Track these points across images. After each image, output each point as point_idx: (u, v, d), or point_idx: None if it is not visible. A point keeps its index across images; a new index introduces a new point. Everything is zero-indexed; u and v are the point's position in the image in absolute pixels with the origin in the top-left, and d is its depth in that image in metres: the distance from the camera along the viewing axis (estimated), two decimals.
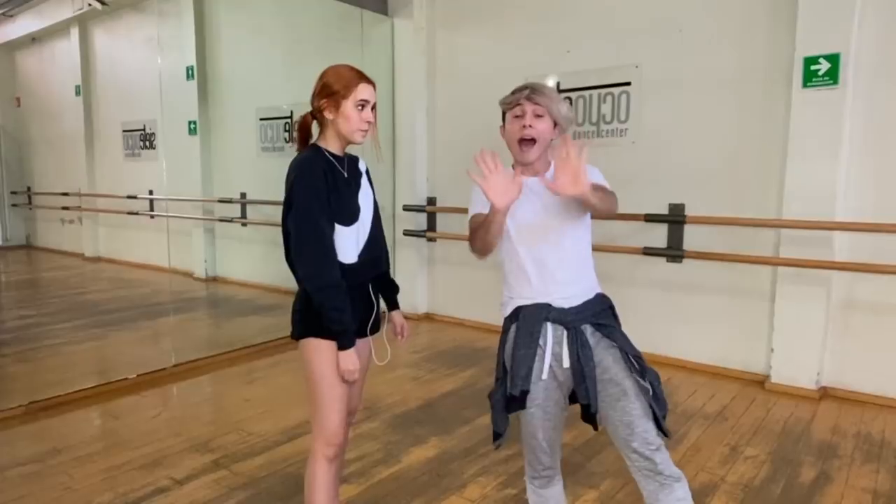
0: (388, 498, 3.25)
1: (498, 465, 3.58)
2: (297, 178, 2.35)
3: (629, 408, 2.19)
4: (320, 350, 2.43)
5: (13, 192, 9.46)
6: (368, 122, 2.41)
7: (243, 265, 8.68)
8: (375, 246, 2.58)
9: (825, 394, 4.74)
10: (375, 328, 2.67)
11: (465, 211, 2.41)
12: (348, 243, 2.43)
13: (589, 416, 2.29)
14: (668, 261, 5.32)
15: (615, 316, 2.44)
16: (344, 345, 2.38)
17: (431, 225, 6.97)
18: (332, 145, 2.46)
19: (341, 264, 2.40)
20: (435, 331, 6.65)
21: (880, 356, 4.57)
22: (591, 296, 2.36)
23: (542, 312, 2.30)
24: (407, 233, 6.96)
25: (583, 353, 2.23)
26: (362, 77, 2.43)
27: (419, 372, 5.26)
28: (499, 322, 2.39)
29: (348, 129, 2.39)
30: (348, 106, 2.37)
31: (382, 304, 2.74)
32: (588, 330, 2.29)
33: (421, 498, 3.24)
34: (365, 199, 2.54)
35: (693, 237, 5.17)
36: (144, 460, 3.66)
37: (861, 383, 4.65)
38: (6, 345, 6.20)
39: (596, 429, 2.37)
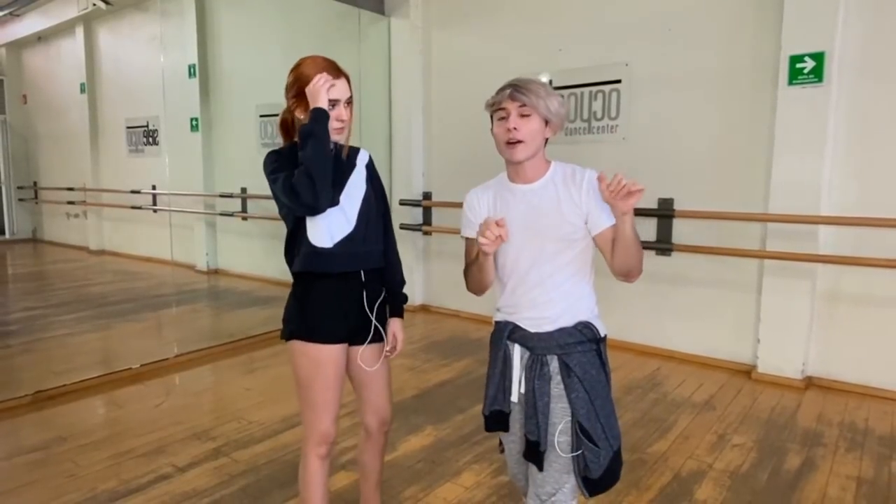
0: (384, 485, 3.20)
1: (492, 452, 3.61)
2: (265, 164, 2.31)
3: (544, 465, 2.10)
4: (306, 353, 2.37)
5: (20, 187, 9.56)
6: (343, 121, 2.26)
7: (244, 258, 8.73)
8: (360, 240, 2.37)
9: (810, 383, 4.81)
10: (377, 337, 2.52)
11: (459, 205, 2.32)
12: (318, 229, 2.29)
13: (536, 453, 2.10)
14: (657, 254, 5.38)
15: (599, 353, 2.12)
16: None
17: (427, 219, 7.05)
18: None
19: (314, 247, 2.29)
20: (431, 322, 6.71)
21: (864, 347, 4.63)
22: (567, 323, 2.10)
23: (505, 331, 2.18)
24: (403, 227, 6.99)
25: (539, 385, 2.07)
26: (329, 73, 2.24)
27: (415, 362, 5.32)
28: (493, 313, 2.34)
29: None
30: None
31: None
32: (554, 361, 2.08)
33: (417, 485, 3.29)
34: (351, 193, 2.36)
35: (682, 231, 5.24)
36: (147, 448, 3.69)
37: (845, 373, 4.72)
38: (13, 335, 6.26)
39: (541, 469, 2.11)
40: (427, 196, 7.01)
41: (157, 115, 8.72)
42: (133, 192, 8.84)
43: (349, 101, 2.30)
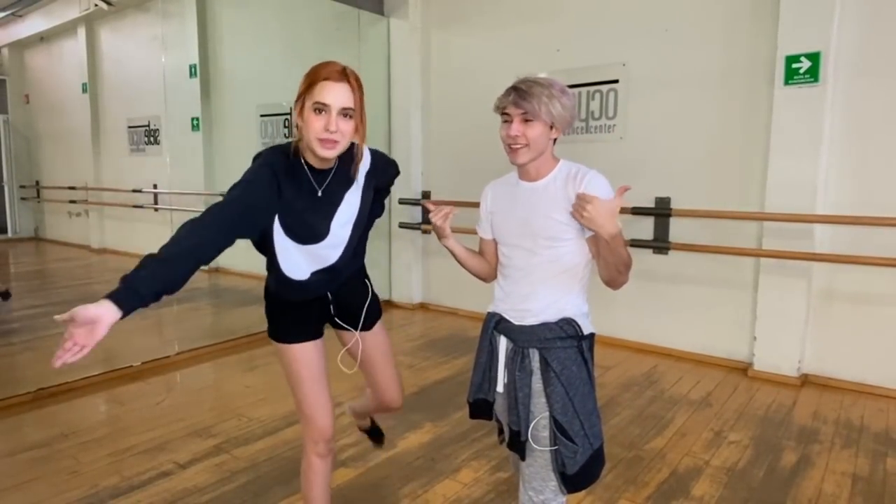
0: (384, 481, 3.31)
1: (490, 449, 3.64)
2: (247, 170, 2.08)
3: (529, 459, 2.13)
4: (287, 353, 2.34)
5: (22, 186, 9.58)
6: (331, 132, 1.94)
7: (244, 257, 8.62)
8: (341, 269, 2.26)
9: (806, 381, 4.83)
10: (360, 321, 2.44)
11: (458, 204, 2.35)
12: (298, 261, 2.17)
13: (517, 443, 2.13)
14: (654, 252, 5.41)
15: (581, 350, 2.12)
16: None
17: (426, 218, 6.95)
18: (308, 154, 2.08)
19: (289, 279, 2.19)
20: (429, 320, 6.72)
21: (859, 344, 4.66)
22: (551, 318, 2.11)
23: (490, 321, 2.23)
24: (402, 225, 7.06)
25: (519, 377, 2.09)
26: (328, 74, 1.95)
27: (414, 360, 5.35)
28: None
29: (307, 136, 1.99)
30: (307, 107, 1.96)
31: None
32: (535, 356, 2.10)
33: (416, 481, 3.31)
34: (343, 218, 2.17)
35: (678, 229, 5.26)
36: (148, 445, 3.71)
37: (841, 371, 4.74)
38: (15, 333, 6.28)
39: (523, 458, 2.14)
40: (426, 195, 7.04)
41: (159, 114, 8.73)
42: (134, 191, 8.85)
43: (348, 113, 1.98)
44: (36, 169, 9.69)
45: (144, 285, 1.69)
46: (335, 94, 1.94)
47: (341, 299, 2.40)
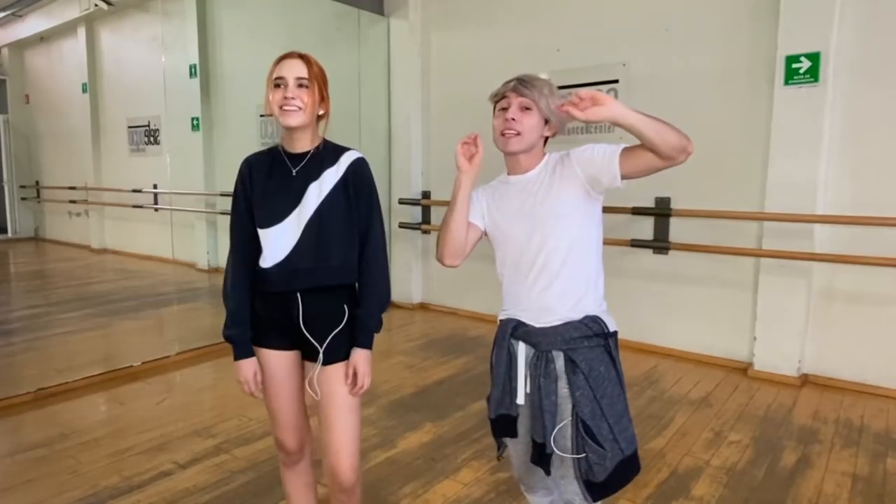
0: (384, 481, 3.31)
1: (491, 449, 3.61)
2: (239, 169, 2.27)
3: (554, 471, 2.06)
4: (258, 357, 2.27)
5: (22, 186, 9.59)
6: (288, 98, 2.06)
7: None
8: (308, 256, 2.15)
9: (806, 381, 4.83)
10: (336, 358, 2.21)
11: None
12: (264, 246, 2.17)
13: (543, 457, 2.03)
14: (654, 252, 5.42)
15: (608, 350, 2.06)
16: (234, 354, 2.22)
17: (426, 217, 7.07)
18: (285, 140, 2.20)
19: (259, 266, 2.17)
20: (429, 320, 6.68)
21: (859, 344, 4.66)
22: (572, 316, 2.03)
23: (507, 328, 2.12)
24: (402, 225, 7.06)
25: (545, 384, 1.99)
26: (285, 56, 2.12)
27: (414, 360, 5.35)
28: (491, 311, 2.24)
29: (273, 110, 2.10)
30: (270, 88, 2.10)
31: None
32: (560, 359, 2.01)
33: (416, 481, 3.31)
34: (309, 202, 2.15)
35: (679, 229, 5.26)
36: (149, 445, 3.71)
37: (841, 370, 4.74)
38: (15, 333, 6.27)
39: (548, 473, 2.05)
40: (426, 195, 7.06)
41: (159, 114, 8.72)
42: (134, 190, 8.85)
43: (303, 83, 2.09)
44: (36, 169, 9.71)
45: (240, 329, 2.22)
46: (289, 67, 2.09)
47: (310, 310, 2.18)
